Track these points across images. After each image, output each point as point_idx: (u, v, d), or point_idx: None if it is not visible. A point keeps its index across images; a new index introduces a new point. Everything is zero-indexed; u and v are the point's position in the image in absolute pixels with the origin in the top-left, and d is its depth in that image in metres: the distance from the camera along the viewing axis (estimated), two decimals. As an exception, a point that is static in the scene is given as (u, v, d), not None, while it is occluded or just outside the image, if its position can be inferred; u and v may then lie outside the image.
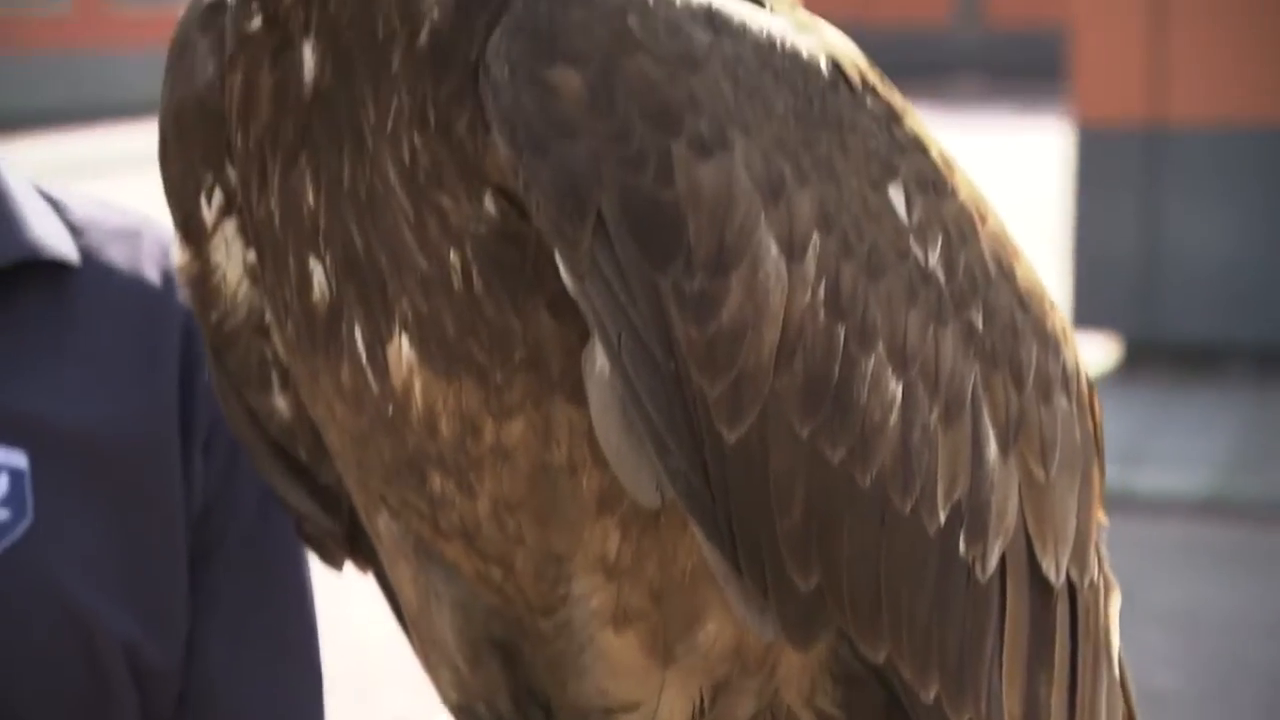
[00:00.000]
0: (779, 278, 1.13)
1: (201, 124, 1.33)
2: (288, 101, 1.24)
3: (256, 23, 1.26)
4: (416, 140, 1.20)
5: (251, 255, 1.33)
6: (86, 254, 1.53)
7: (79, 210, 1.56)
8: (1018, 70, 22.21)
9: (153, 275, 1.54)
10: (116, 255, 1.55)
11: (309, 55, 1.22)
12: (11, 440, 1.46)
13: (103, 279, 1.53)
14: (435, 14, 1.20)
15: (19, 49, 16.59)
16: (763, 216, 1.14)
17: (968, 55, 23.24)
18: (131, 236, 1.56)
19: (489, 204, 1.20)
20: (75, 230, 1.54)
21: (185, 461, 1.51)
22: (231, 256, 1.35)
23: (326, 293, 1.24)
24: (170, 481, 1.50)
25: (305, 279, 1.25)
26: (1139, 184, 8.98)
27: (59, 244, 1.52)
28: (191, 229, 1.34)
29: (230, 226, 1.35)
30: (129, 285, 1.53)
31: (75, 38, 17.12)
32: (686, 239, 1.13)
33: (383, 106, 1.21)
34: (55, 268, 1.51)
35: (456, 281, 1.20)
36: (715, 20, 1.17)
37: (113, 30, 17.48)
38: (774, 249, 1.13)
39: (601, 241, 1.13)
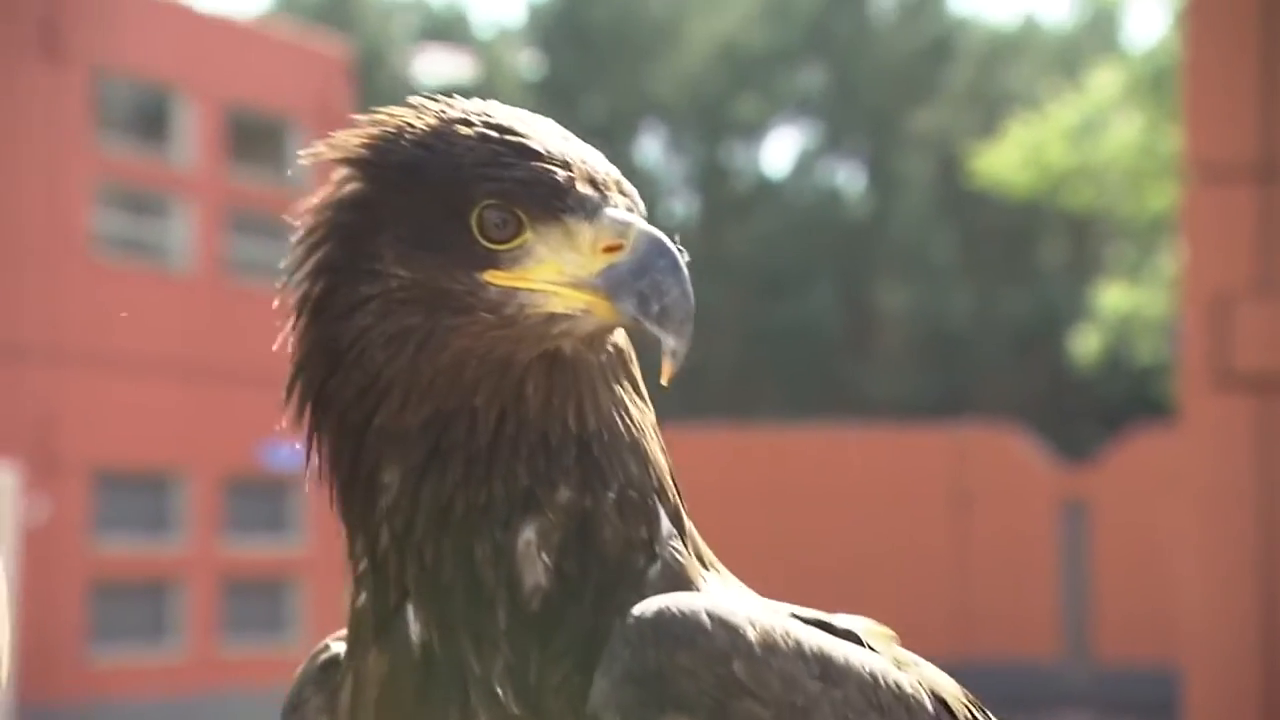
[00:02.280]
0: None
1: None
2: (399, 681, 1.32)
3: (363, 598, 1.35)
4: (514, 702, 1.26)
5: None
6: None
7: None
8: (1128, 709, 21.94)
9: None
10: None
11: (413, 619, 1.30)
12: None
13: None
14: (544, 580, 1.27)
15: (132, 694, 16.75)
16: None
17: (1077, 692, 23.02)
18: None
19: None
20: None
21: None
22: None
23: None
24: None
25: None
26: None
27: None
28: None
29: None
30: None
31: (186, 683, 17.28)
32: None
33: (486, 664, 1.27)
34: None
35: None
36: (820, 661, 1.21)
37: (225, 672, 17.65)
38: None
39: None
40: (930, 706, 1.24)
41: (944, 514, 23.24)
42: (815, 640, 1.23)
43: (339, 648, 1.48)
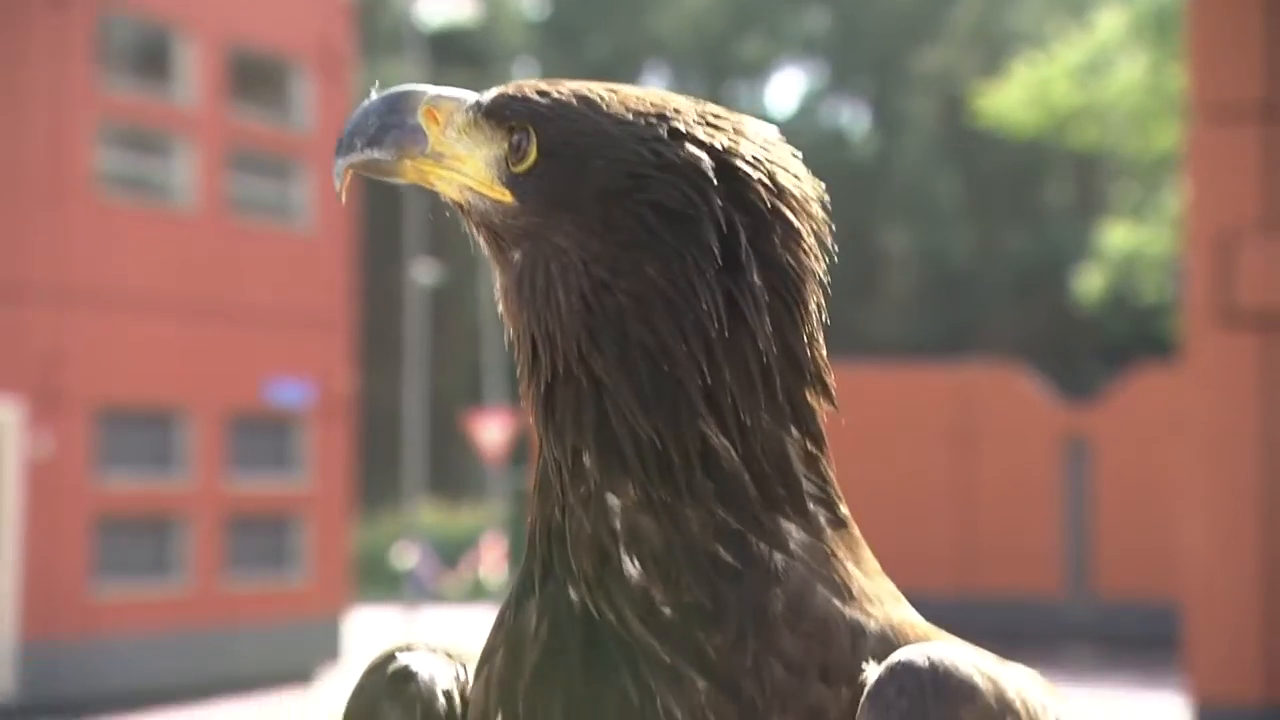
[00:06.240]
0: None
1: None
2: (563, 643, 1.29)
3: (525, 559, 1.33)
4: (697, 675, 1.25)
5: None
6: None
7: None
8: (1131, 641, 22.01)
9: None
10: None
11: (573, 593, 1.29)
12: None
13: None
14: (645, 564, 1.26)
15: (136, 629, 16.82)
16: None
17: (1078, 626, 23.09)
18: None
19: None
20: None
21: None
22: None
23: None
24: None
25: None
26: (1262, 763, 8.78)
27: None
28: None
29: None
30: None
31: (190, 618, 17.35)
32: None
33: (637, 634, 1.26)
34: None
35: None
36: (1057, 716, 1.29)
37: (228, 607, 17.72)
38: None
39: None
40: None
41: (947, 451, 23.28)
42: (1044, 698, 1.33)
43: (407, 659, 1.46)
